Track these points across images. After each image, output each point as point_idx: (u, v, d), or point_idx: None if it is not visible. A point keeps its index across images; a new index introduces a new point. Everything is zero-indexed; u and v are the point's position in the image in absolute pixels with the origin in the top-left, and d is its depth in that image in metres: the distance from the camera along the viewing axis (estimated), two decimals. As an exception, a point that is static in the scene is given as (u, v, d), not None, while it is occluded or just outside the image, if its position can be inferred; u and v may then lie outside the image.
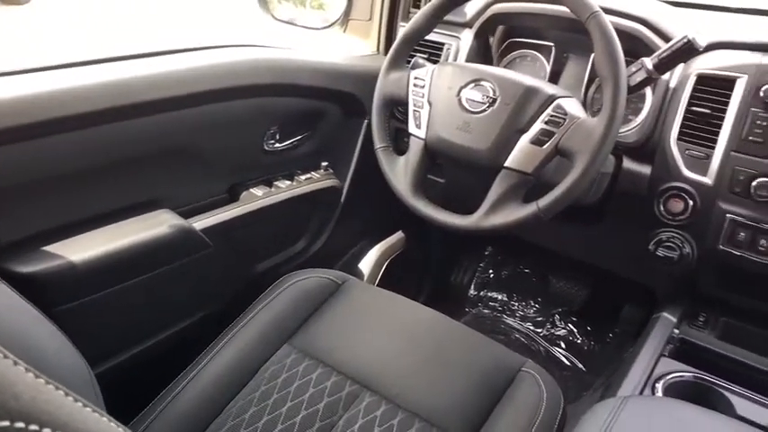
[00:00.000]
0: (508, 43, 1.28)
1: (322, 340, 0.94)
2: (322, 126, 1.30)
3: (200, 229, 1.02)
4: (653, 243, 1.05)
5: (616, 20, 1.05)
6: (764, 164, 0.94)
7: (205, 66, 0.99)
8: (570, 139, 0.87)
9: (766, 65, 0.94)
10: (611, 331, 1.69)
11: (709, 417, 0.72)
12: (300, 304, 1.00)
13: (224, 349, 0.91)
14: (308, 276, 1.05)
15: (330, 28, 1.47)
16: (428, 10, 1.02)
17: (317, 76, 1.21)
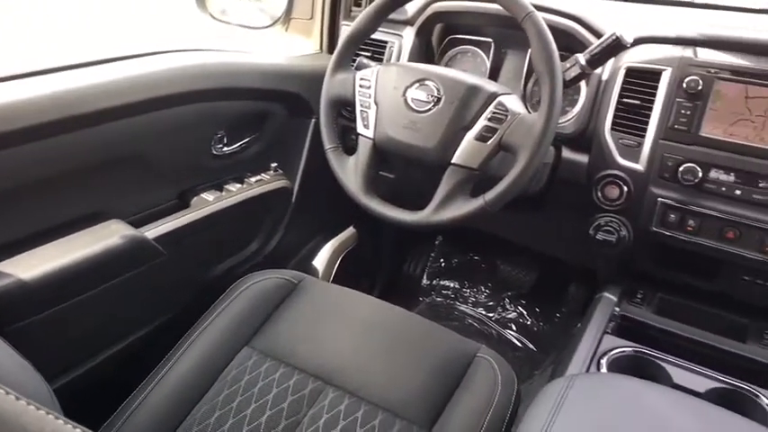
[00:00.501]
0: (449, 40, 1.31)
1: (282, 340, 0.96)
2: (269, 127, 1.30)
3: (152, 238, 1.01)
4: (593, 228, 1.12)
5: (550, 17, 1.10)
6: (689, 150, 1.01)
7: (148, 73, 0.98)
8: (512, 135, 0.91)
9: (688, 57, 1.01)
10: (559, 311, 1.77)
11: (648, 388, 0.78)
12: (258, 306, 1.01)
13: (184, 356, 0.92)
14: (265, 278, 1.06)
15: (272, 27, 1.46)
16: (371, 11, 1.04)
17: (262, 77, 1.21)
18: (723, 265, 1.06)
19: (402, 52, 1.27)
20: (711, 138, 0.99)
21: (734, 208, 0.99)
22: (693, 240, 1.03)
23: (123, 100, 0.93)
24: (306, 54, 1.40)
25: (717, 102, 0.99)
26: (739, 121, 0.98)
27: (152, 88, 0.97)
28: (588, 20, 1.11)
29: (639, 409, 0.71)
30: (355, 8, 1.38)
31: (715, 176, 1.00)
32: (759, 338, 1.07)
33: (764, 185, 0.97)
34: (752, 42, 0.99)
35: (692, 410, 0.72)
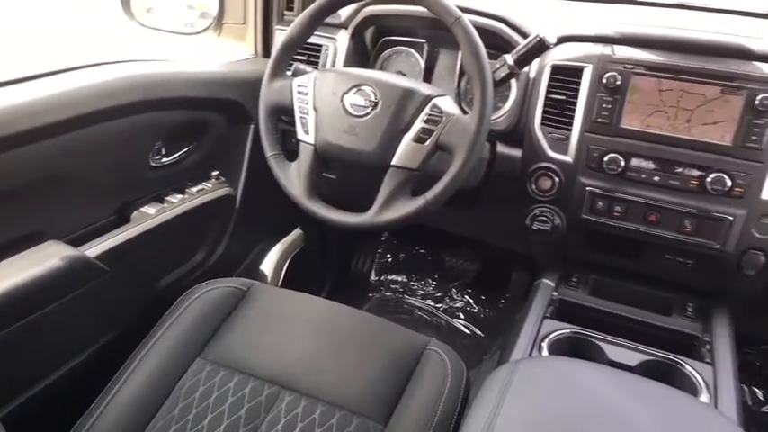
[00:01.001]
0: (383, 41, 1.34)
1: (235, 349, 0.97)
2: (208, 135, 1.30)
3: (93, 256, 0.99)
4: (529, 218, 1.17)
5: (477, 19, 1.14)
6: (612, 141, 1.08)
7: (79, 88, 0.96)
8: (448, 135, 0.95)
9: (607, 55, 1.08)
10: (503, 297, 1.85)
11: (584, 367, 0.83)
12: (208, 316, 1.01)
13: (135, 372, 0.91)
14: (214, 287, 1.07)
15: (204, 33, 1.45)
16: (305, 17, 1.05)
17: (197, 86, 1.20)
18: (648, 246, 1.14)
19: (337, 55, 1.29)
20: (631, 129, 1.07)
21: (654, 193, 1.07)
22: (620, 225, 1.11)
23: (54, 118, 0.90)
24: (241, 59, 1.40)
25: (634, 95, 1.06)
26: (655, 113, 1.05)
27: (83, 104, 0.95)
28: (513, 21, 1.16)
29: (576, 389, 0.77)
30: (288, 12, 1.38)
31: (636, 165, 1.07)
32: (682, 311, 1.16)
33: (680, 171, 1.05)
34: (663, 39, 1.06)
35: (623, 385, 0.79)
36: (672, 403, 0.77)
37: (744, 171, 1.01)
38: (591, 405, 0.74)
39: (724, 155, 1.02)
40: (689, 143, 1.04)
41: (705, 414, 0.78)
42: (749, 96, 0.99)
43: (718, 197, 1.03)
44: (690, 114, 1.03)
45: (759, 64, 1.01)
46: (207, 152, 1.31)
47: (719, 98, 1.01)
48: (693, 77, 1.02)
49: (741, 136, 1.00)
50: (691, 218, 1.06)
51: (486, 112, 0.93)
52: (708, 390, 0.93)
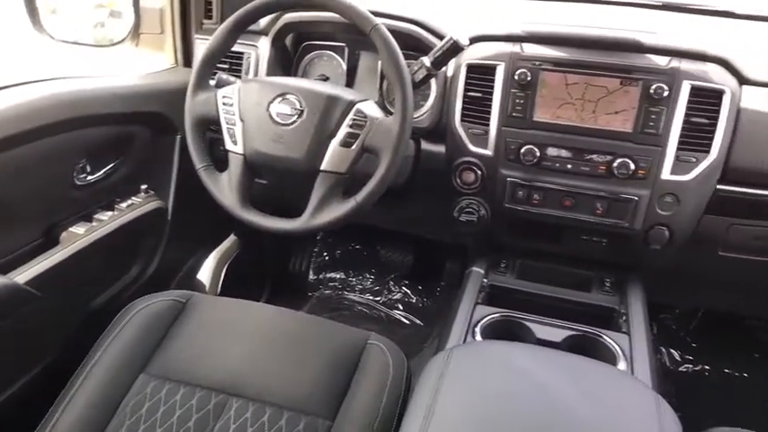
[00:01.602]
0: (304, 46, 1.36)
1: (178, 361, 0.97)
2: (134, 150, 1.28)
3: (23, 282, 0.97)
4: (456, 210, 1.24)
5: (393, 23, 1.19)
6: (527, 134, 1.15)
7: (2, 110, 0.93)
8: (373, 139, 0.99)
9: (517, 53, 1.14)
10: (439, 286, 1.92)
11: (513, 348, 0.90)
12: (148, 331, 1.01)
13: (76, 395, 0.90)
14: (151, 302, 1.06)
15: (120, 44, 1.42)
16: (225, 29, 1.06)
17: (119, 101, 1.19)
18: (566, 228, 1.22)
19: (260, 62, 1.30)
20: (543, 121, 1.14)
21: (568, 180, 1.15)
22: (539, 211, 1.19)
23: None
24: (162, 70, 1.38)
25: (543, 90, 1.13)
26: (563, 105, 1.13)
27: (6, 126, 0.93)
28: (428, 23, 1.21)
29: (507, 369, 0.83)
30: (207, 21, 1.38)
31: (550, 154, 1.15)
32: (601, 287, 1.26)
33: (589, 158, 1.13)
34: (566, 36, 1.14)
35: (548, 362, 0.86)
36: (592, 374, 0.85)
37: (645, 155, 1.11)
38: (520, 383, 0.80)
39: (627, 141, 1.11)
40: (595, 132, 1.12)
41: (622, 381, 0.86)
42: (645, 86, 1.08)
43: (624, 180, 1.12)
44: (594, 105, 1.12)
45: (652, 56, 1.10)
46: (134, 166, 1.29)
47: (619, 89, 1.10)
48: (596, 71, 1.11)
49: (640, 123, 1.10)
50: (601, 200, 1.15)
51: (408, 114, 0.97)
52: (625, 357, 1.02)
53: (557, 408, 0.76)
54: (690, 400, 1.60)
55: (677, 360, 1.75)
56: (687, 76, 1.07)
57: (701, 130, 1.08)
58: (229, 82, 1.12)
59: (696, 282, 1.39)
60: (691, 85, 1.07)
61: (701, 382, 1.70)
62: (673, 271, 1.27)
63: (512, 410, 0.76)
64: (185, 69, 1.40)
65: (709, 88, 1.07)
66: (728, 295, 1.42)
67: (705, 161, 1.09)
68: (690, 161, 1.09)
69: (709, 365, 1.72)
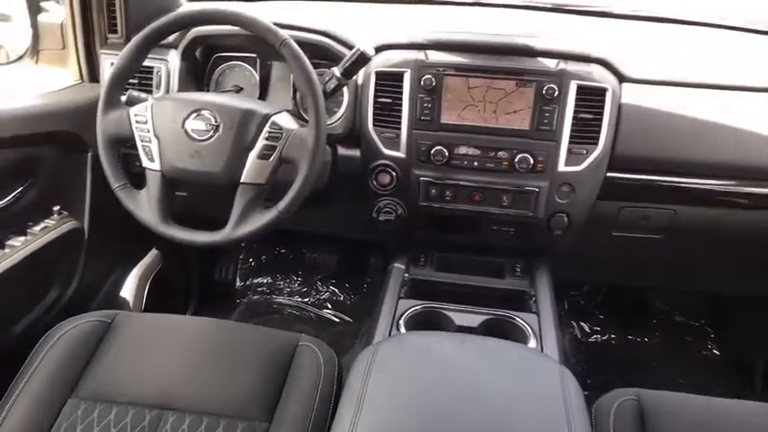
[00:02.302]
0: (215, 58, 1.37)
1: (108, 382, 0.97)
2: (43, 171, 1.25)
3: None
4: (375, 211, 1.30)
5: (302, 35, 1.23)
6: (436, 136, 1.23)
7: None
8: (290, 149, 1.03)
9: (421, 60, 1.21)
10: (365, 282, 1.98)
11: (434, 337, 0.97)
12: (74, 354, 1.00)
13: (3, 426, 0.89)
14: (75, 324, 1.05)
15: (18, 62, 1.38)
16: (132, 48, 1.06)
17: (21, 122, 1.16)
18: (477, 221, 1.31)
19: (171, 76, 1.30)
20: (449, 123, 1.22)
21: (476, 176, 1.24)
22: (452, 207, 1.27)
23: None
24: (67, 87, 1.35)
25: (448, 94, 1.21)
26: (467, 107, 1.22)
27: None
28: (336, 34, 1.26)
29: (429, 357, 0.90)
30: (111, 35, 1.35)
31: (458, 154, 1.23)
32: (512, 272, 1.36)
33: (493, 155, 1.22)
34: (466, 43, 1.23)
35: (466, 346, 0.93)
36: (504, 353, 0.93)
37: (542, 150, 1.21)
38: (441, 368, 0.87)
39: (525, 138, 1.21)
40: (497, 131, 1.22)
41: (530, 357, 0.96)
42: (538, 87, 1.18)
43: (525, 174, 1.22)
44: (495, 106, 1.21)
45: (543, 59, 1.21)
46: (45, 187, 1.26)
47: (516, 90, 1.20)
48: (494, 75, 1.20)
49: (536, 121, 1.20)
50: (507, 194, 1.25)
51: (322, 124, 1.02)
52: (535, 335, 1.12)
53: (473, 386, 0.84)
54: (599, 366, 1.76)
55: (587, 332, 1.91)
56: (573, 76, 1.18)
57: (588, 124, 1.19)
58: (141, 99, 1.12)
59: (595, 260, 1.52)
60: (577, 84, 1.18)
61: (608, 349, 1.87)
62: (575, 252, 1.40)
63: (435, 393, 0.83)
64: (92, 85, 1.37)
65: (593, 87, 1.18)
66: (624, 269, 1.57)
67: (594, 152, 1.20)
68: (581, 153, 1.21)
69: (614, 334, 1.90)
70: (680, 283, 1.68)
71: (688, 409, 0.99)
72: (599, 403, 0.99)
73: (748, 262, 1.47)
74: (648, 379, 1.68)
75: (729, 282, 1.59)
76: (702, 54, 1.37)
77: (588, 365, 1.76)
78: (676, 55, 1.35)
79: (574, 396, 0.85)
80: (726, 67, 1.29)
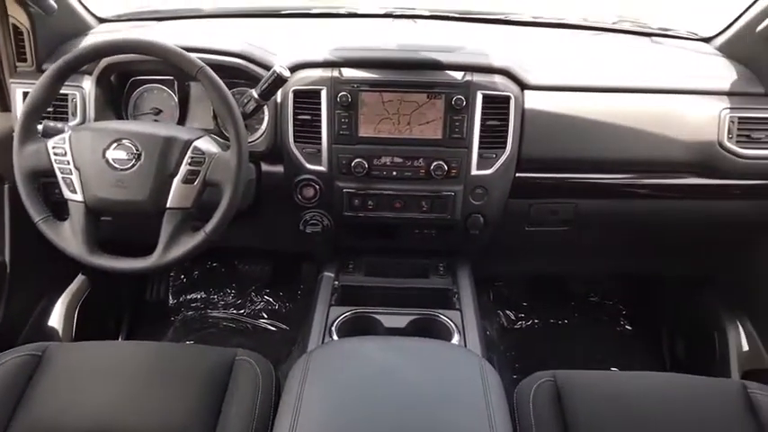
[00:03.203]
0: (132, 82, 1.37)
1: (44, 417, 0.96)
2: None
3: None
4: (301, 224, 1.34)
5: (218, 58, 1.26)
6: (355, 149, 1.29)
7: None
8: (214, 173, 1.06)
9: (336, 77, 1.27)
10: (299, 289, 2.02)
11: (364, 341, 1.03)
12: (5, 392, 0.99)
13: None
14: (3, 360, 1.04)
15: None
16: (46, 81, 1.05)
17: None
18: (400, 226, 1.39)
19: (87, 103, 1.29)
20: (367, 137, 1.28)
21: (395, 185, 1.31)
22: (375, 215, 1.34)
23: None
24: (-25, 117, 1.31)
25: (364, 108, 1.27)
26: (382, 120, 1.28)
27: None
28: (253, 55, 1.29)
29: (360, 361, 0.96)
30: (21, 64, 1.33)
31: (377, 165, 1.30)
32: (436, 272, 1.44)
33: (410, 164, 1.30)
34: (378, 60, 1.29)
35: (393, 347, 1.00)
36: (428, 351, 1.01)
37: (455, 156, 1.29)
38: (371, 371, 0.94)
39: (439, 146, 1.29)
40: (412, 141, 1.29)
41: (453, 353, 1.04)
42: (447, 98, 1.26)
43: (441, 180, 1.30)
44: (409, 118, 1.28)
45: (451, 72, 1.29)
46: (-41, 224, 1.23)
47: (428, 102, 1.28)
48: (406, 88, 1.27)
49: (448, 130, 1.28)
50: (426, 199, 1.33)
51: (243, 147, 1.06)
52: (458, 331, 1.21)
53: (400, 386, 0.91)
54: (526, 350, 1.88)
55: (512, 319, 2.03)
56: (479, 87, 1.27)
57: (496, 130, 1.29)
58: (57, 130, 1.11)
59: (512, 254, 1.64)
60: (483, 94, 1.27)
61: (532, 333, 2.00)
62: (492, 248, 1.50)
63: (365, 395, 0.90)
64: (3, 115, 1.34)
65: (497, 96, 1.28)
66: (538, 260, 1.70)
67: (503, 156, 1.30)
68: (491, 157, 1.30)
69: (537, 319, 2.03)
70: (590, 268, 1.82)
71: (600, 384, 1.08)
72: (519, 388, 1.07)
73: (648, 245, 1.62)
74: (570, 358, 1.82)
75: (632, 263, 1.74)
76: (598, 57, 1.50)
77: (516, 351, 1.88)
78: (575, 60, 1.46)
79: (493, 387, 0.93)
80: (620, 69, 1.41)
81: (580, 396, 1.04)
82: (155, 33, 1.49)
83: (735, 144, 1.32)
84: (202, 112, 1.37)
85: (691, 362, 1.72)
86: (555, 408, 1.02)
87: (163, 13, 1.64)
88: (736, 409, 1.00)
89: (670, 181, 1.38)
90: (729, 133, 1.32)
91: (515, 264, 1.74)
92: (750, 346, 1.50)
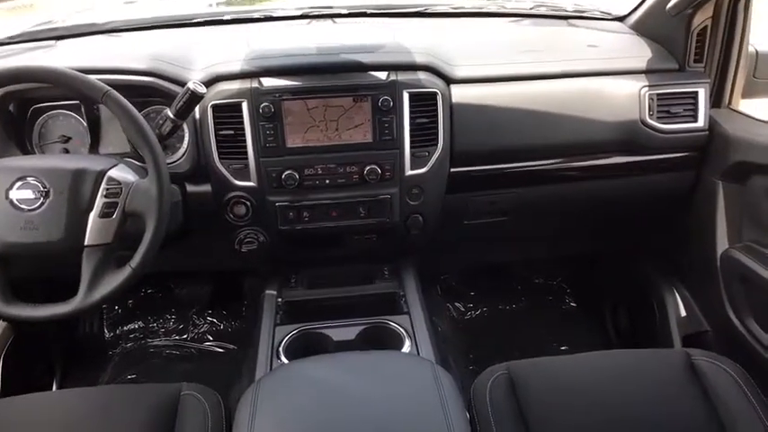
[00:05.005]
0: (33, 110, 1.26)
1: None
2: None
3: None
4: (236, 243, 1.29)
5: (126, 78, 1.18)
6: (284, 161, 1.24)
7: None
8: (133, 203, 0.99)
9: (256, 87, 1.21)
10: (242, 306, 1.95)
11: (312, 363, 0.99)
12: None
13: None
14: None
15: None
16: None
17: None
18: (339, 234, 1.35)
19: (-17, 137, 1.19)
20: (295, 147, 1.24)
21: (330, 193, 1.27)
22: (312, 226, 1.29)
23: None
24: None
25: (289, 118, 1.22)
26: (310, 128, 1.24)
27: None
28: (164, 72, 1.22)
29: (312, 385, 0.92)
30: None
31: (309, 175, 1.25)
32: (381, 276, 1.42)
33: (342, 171, 1.26)
34: (300, 66, 1.24)
35: (343, 366, 0.97)
36: (382, 366, 0.98)
37: (387, 159, 1.27)
38: (325, 395, 0.90)
39: (370, 150, 1.26)
40: (342, 147, 1.25)
41: (407, 364, 1.02)
42: (374, 100, 1.23)
43: (376, 183, 1.27)
44: (336, 124, 1.24)
45: (374, 73, 1.26)
46: None
47: (354, 106, 1.24)
48: (331, 93, 1.23)
49: (377, 132, 1.25)
50: (362, 204, 1.29)
51: (162, 172, 0.99)
52: (409, 336, 1.19)
53: (355, 406, 0.88)
54: (478, 339, 1.89)
55: (462, 310, 2.04)
56: (404, 86, 1.24)
57: (426, 128, 1.27)
58: None
59: (453, 248, 1.63)
60: (409, 92, 1.24)
61: (483, 322, 2.01)
62: (435, 246, 1.48)
63: (320, 421, 0.86)
64: None
65: (423, 93, 1.26)
66: (480, 251, 1.70)
67: (435, 153, 1.28)
68: (424, 155, 1.28)
69: (486, 307, 2.04)
70: (531, 253, 1.85)
71: (553, 369, 1.09)
72: (475, 385, 1.07)
73: (583, 225, 1.66)
74: (521, 342, 1.84)
75: (570, 244, 1.78)
76: (519, 45, 1.49)
77: (469, 342, 1.89)
78: (497, 49, 1.45)
79: (449, 393, 0.92)
80: (541, 55, 1.41)
81: (534, 386, 1.04)
82: (53, 56, 1.38)
83: (656, 120, 1.36)
84: (117, 135, 1.28)
85: (634, 333, 1.77)
86: (511, 401, 1.02)
87: (62, 30, 1.53)
88: (682, 377, 1.03)
89: (598, 162, 1.41)
90: (650, 110, 1.35)
91: (458, 257, 1.74)
92: (687, 310, 1.56)
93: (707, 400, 0.99)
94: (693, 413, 0.97)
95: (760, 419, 0.95)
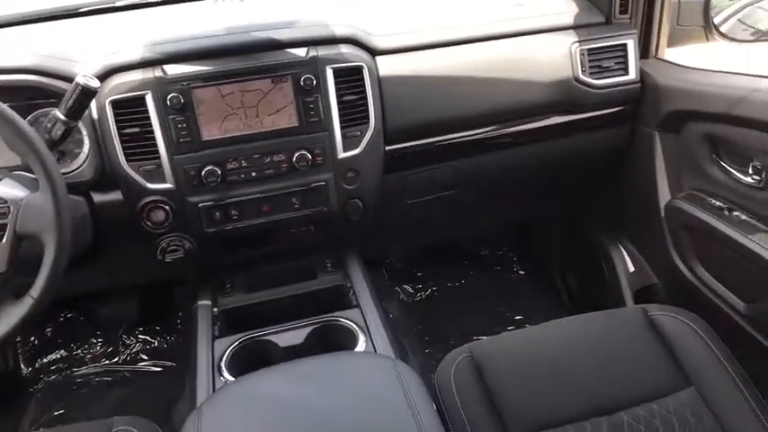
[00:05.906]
0: None
1: None
2: None
3: None
4: (159, 252, 1.15)
5: (5, 78, 1.02)
6: (202, 156, 1.10)
7: None
8: (26, 223, 0.85)
9: (160, 77, 1.07)
10: (176, 318, 1.80)
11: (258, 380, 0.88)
12: None
13: None
14: None
15: None
16: None
17: None
18: (274, 230, 1.23)
19: None
20: (213, 139, 1.11)
21: (258, 187, 1.16)
22: (243, 225, 1.17)
23: None
24: None
25: (201, 107, 1.09)
26: (227, 117, 1.11)
27: None
28: (47, 68, 1.06)
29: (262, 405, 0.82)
30: None
31: (232, 169, 1.13)
32: (324, 269, 1.32)
33: (269, 161, 1.14)
34: (207, 49, 1.11)
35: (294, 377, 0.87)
36: (337, 370, 0.89)
37: (317, 142, 1.16)
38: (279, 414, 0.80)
39: (297, 134, 1.15)
40: (266, 134, 1.13)
41: (365, 363, 0.93)
42: (295, 80, 1.12)
43: (307, 170, 1.17)
44: (256, 110, 1.12)
45: (292, 50, 1.14)
46: None
47: (274, 88, 1.12)
48: (246, 76, 1.10)
49: (303, 115, 1.14)
50: (296, 195, 1.18)
51: (57, 183, 0.85)
52: (363, 331, 1.10)
53: (317, 419, 0.79)
54: (432, 321, 1.84)
55: (411, 292, 1.98)
56: (326, 61, 1.14)
57: (355, 105, 1.17)
58: None
59: (397, 230, 1.55)
60: (332, 68, 1.14)
61: (434, 301, 1.95)
62: (377, 231, 1.40)
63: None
64: None
65: (348, 68, 1.15)
66: (425, 230, 1.64)
67: (368, 132, 1.19)
68: (356, 135, 1.18)
69: (435, 286, 1.98)
70: (477, 226, 1.80)
71: (516, 345, 1.06)
72: (438, 372, 1.01)
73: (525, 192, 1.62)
74: (475, 317, 1.80)
75: (515, 213, 1.74)
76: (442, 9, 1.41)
77: (423, 324, 1.83)
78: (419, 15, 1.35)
79: (414, 389, 0.84)
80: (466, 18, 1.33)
81: (499, 365, 1.00)
82: None
83: (589, 76, 1.32)
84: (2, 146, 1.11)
85: (586, 293, 1.77)
86: (478, 383, 0.97)
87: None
88: (643, 333, 1.02)
89: (535, 125, 1.36)
90: (582, 66, 1.31)
91: (403, 239, 1.67)
92: (635, 265, 1.55)
93: (670, 352, 0.98)
94: (660, 367, 0.96)
95: (721, 364, 0.95)
